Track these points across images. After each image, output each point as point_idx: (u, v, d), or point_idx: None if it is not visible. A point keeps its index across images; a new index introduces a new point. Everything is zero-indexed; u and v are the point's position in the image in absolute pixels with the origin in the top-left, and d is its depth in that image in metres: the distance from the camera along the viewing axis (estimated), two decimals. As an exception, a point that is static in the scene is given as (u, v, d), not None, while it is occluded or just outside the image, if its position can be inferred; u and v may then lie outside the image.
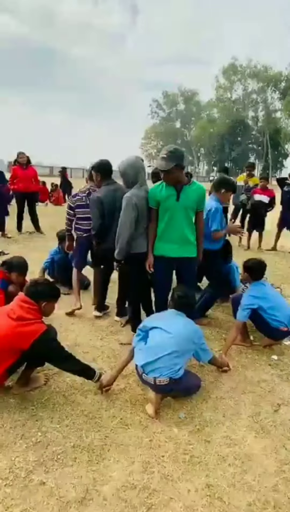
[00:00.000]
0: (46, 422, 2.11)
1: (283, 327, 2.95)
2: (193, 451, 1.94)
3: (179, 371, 2.18)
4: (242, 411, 2.29)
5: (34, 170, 7.20)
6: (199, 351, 2.39)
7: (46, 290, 2.26)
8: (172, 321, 2.32)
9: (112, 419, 2.16)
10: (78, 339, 3.15)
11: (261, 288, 3.03)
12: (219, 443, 2.01)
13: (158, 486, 1.72)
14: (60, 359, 2.23)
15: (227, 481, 1.76)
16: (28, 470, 1.78)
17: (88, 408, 2.24)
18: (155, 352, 2.17)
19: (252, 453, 1.95)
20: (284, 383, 2.62)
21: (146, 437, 2.03)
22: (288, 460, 1.92)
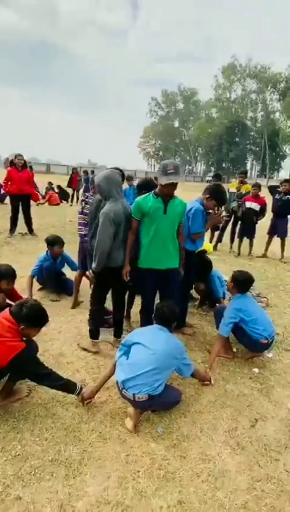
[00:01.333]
0: (26, 434, 2.16)
1: (263, 339, 3.02)
2: (168, 467, 2.00)
3: (159, 387, 2.23)
4: (219, 426, 2.35)
5: (28, 172, 7.21)
6: (181, 366, 2.44)
7: (28, 317, 2.20)
8: (154, 337, 2.37)
9: (91, 433, 2.21)
10: (63, 348, 3.19)
11: (244, 301, 3.09)
12: (195, 458, 2.07)
13: (131, 502, 1.78)
14: (39, 377, 2.27)
15: (199, 498, 1.82)
16: (6, 484, 1.83)
17: (68, 421, 2.29)
18: (135, 369, 2.22)
19: (226, 469, 2.01)
20: (263, 397, 2.68)
21: (123, 452, 2.08)
22: (260, 477, 1.98)
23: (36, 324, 2.30)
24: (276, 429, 2.36)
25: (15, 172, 6.78)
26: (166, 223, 2.86)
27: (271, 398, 2.68)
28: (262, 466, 2.06)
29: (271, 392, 2.75)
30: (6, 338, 2.15)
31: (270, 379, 2.93)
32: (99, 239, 2.80)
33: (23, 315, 2.20)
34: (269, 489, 1.91)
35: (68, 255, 4.49)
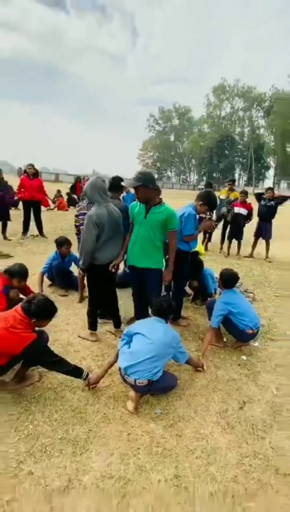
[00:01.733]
0: (37, 416, 2.14)
1: (249, 330, 3.01)
2: (165, 444, 1.99)
3: (158, 373, 2.22)
4: (211, 407, 2.34)
5: (39, 180, 7.18)
6: (177, 354, 2.43)
7: (37, 311, 2.18)
8: (153, 328, 2.36)
9: (96, 414, 2.19)
10: (71, 338, 3.17)
11: (232, 295, 3.08)
12: (189, 437, 2.06)
13: (132, 476, 1.77)
14: (50, 363, 2.25)
15: (193, 472, 1.81)
16: (19, 460, 1.82)
17: (76, 403, 2.27)
18: (136, 357, 2.21)
19: (218, 446, 2.00)
20: (250, 382, 2.67)
21: (125, 431, 2.07)
22: (248, 453, 1.97)
23: (46, 316, 2.28)
24: (262, 410, 2.35)
25: (27, 180, 6.75)
26: (146, 227, 2.83)
27: (258, 383, 2.66)
28: (250, 443, 2.04)
29: (257, 377, 2.74)
30: (19, 329, 2.13)
31: (257, 365, 2.92)
32: (83, 240, 2.82)
33: (33, 311, 2.19)
34: (256, 464, 1.90)
35: (76, 255, 4.44)
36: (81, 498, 1.64)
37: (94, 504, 1.61)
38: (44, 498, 1.62)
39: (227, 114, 56.08)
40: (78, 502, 1.62)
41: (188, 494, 1.69)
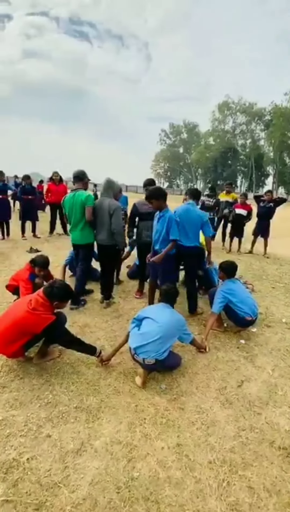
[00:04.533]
0: (56, 387, 2.12)
1: (248, 317, 2.89)
2: (169, 416, 1.92)
3: (164, 353, 2.15)
4: (211, 385, 2.25)
5: (64, 186, 7.20)
6: (182, 335, 2.35)
7: (59, 293, 2.17)
8: (161, 313, 2.29)
9: (108, 387, 2.15)
10: (88, 320, 3.14)
11: (232, 285, 2.97)
12: (191, 410, 1.99)
13: (138, 443, 1.71)
14: (66, 342, 2.24)
15: (194, 442, 1.74)
16: (39, 425, 1.80)
17: (90, 377, 2.24)
18: (145, 338, 2.15)
19: (217, 420, 1.92)
20: (248, 363, 2.56)
21: (133, 403, 2.01)
22: (245, 427, 1.88)
23: (66, 298, 2.28)
24: (259, 389, 2.24)
25: (53, 186, 6.79)
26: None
27: (255, 364, 2.55)
28: (247, 418, 1.95)
29: (255, 359, 2.63)
30: (40, 311, 2.11)
31: (254, 349, 2.80)
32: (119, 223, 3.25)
33: (54, 294, 2.17)
34: (253, 437, 1.81)
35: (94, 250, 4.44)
36: (92, 460, 1.60)
37: (103, 465, 1.57)
38: (60, 458, 1.60)
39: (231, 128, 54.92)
40: (90, 463, 1.58)
41: (188, 460, 1.62)
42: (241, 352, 2.73)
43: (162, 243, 2.98)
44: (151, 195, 2.93)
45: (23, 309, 2.11)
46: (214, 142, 56.82)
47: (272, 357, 2.67)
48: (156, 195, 2.93)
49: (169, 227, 2.89)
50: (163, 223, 2.92)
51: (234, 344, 2.85)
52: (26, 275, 3.14)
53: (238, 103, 51.75)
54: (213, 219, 6.76)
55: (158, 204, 2.94)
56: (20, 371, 2.27)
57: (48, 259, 3.29)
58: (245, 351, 2.74)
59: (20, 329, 2.09)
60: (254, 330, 3.14)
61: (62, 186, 6.97)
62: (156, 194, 2.94)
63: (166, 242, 2.94)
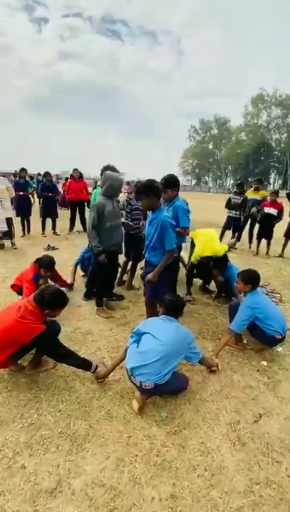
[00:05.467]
0: (44, 404, 1.91)
1: (278, 336, 2.46)
2: (166, 455, 1.61)
3: (166, 376, 1.84)
4: (222, 417, 1.90)
5: (84, 183, 7.11)
6: (189, 354, 2.03)
7: (50, 301, 1.96)
8: (163, 328, 1.98)
9: (100, 410, 1.89)
10: (92, 327, 2.93)
11: (256, 298, 2.55)
12: (193, 449, 1.66)
13: (124, 488, 1.43)
14: (57, 356, 2.02)
15: (193, 495, 1.42)
16: (16, 451, 1.60)
17: (83, 395, 2.00)
18: (144, 358, 1.85)
19: (224, 466, 1.58)
20: (269, 392, 2.16)
21: (126, 433, 1.74)
22: (259, 479, 1.51)
23: (58, 306, 2.04)
24: (281, 427, 1.85)
25: (73, 183, 6.73)
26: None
27: (278, 393, 2.14)
28: (263, 467, 1.58)
29: (278, 387, 2.21)
30: (29, 320, 1.91)
31: (278, 373, 2.37)
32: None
33: (45, 301, 1.96)
34: (268, 495, 1.44)
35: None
36: (67, 504, 1.35)
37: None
38: (30, 498, 1.37)
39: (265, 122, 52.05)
40: (63, 509, 1.33)
41: (182, 522, 1.31)
42: (261, 376, 2.32)
43: (152, 252, 2.52)
44: (141, 191, 2.40)
45: (11, 317, 1.93)
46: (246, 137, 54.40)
47: (300, 386, 2.23)
48: (146, 191, 2.36)
49: (163, 234, 2.37)
50: (156, 227, 2.40)
51: (254, 366, 2.44)
52: (30, 276, 3.01)
53: (273, 96, 48.91)
54: (240, 219, 6.23)
55: (150, 202, 2.41)
56: (10, 382, 2.10)
57: (53, 260, 3.13)
58: (267, 375, 2.33)
59: (7, 338, 1.91)
60: (280, 349, 2.70)
61: (82, 183, 6.89)
62: (146, 189, 2.36)
63: (157, 250, 2.49)
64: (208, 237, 3.50)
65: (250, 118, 52.74)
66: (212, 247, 3.40)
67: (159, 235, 2.44)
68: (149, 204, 2.46)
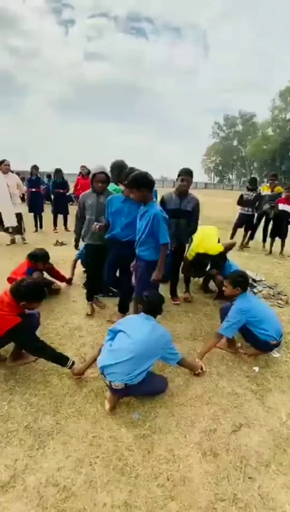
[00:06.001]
0: (17, 397, 1.91)
1: (273, 341, 2.28)
2: (129, 459, 1.53)
3: (138, 376, 1.75)
4: (197, 424, 1.77)
5: (93, 179, 7.15)
6: (166, 355, 1.92)
7: (26, 293, 1.93)
8: (138, 327, 1.89)
9: (71, 407, 1.85)
10: (81, 322, 2.90)
11: (248, 301, 2.36)
12: (159, 456, 1.56)
13: (78, 490, 1.37)
14: (32, 349, 2.01)
15: (148, 505, 1.32)
16: (-21, 442, 1.59)
17: (57, 391, 1.97)
18: (114, 357, 1.78)
19: (189, 477, 1.46)
20: (255, 400, 1.99)
21: (92, 433, 1.67)
22: (225, 495, 1.38)
23: (34, 299, 2.01)
24: (261, 440, 1.69)
25: (81, 180, 6.79)
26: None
27: (265, 403, 1.97)
28: (232, 483, 1.44)
29: (266, 396, 2.04)
30: (4, 312, 1.91)
31: (270, 381, 2.19)
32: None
33: (21, 293, 1.94)
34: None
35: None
36: (16, 501, 1.32)
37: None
38: (-18, 491, 1.35)
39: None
40: (12, 505, 1.30)
41: (130, 533, 1.22)
42: (250, 383, 2.15)
43: (142, 246, 2.42)
44: (132, 184, 2.30)
45: (-14, 309, 1.94)
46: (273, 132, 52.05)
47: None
48: (137, 184, 2.26)
49: (156, 227, 2.28)
50: (147, 221, 2.32)
51: (244, 372, 2.28)
52: (24, 269, 3.05)
53: (304, 88, 46.24)
54: (252, 216, 5.92)
55: (141, 195, 2.30)
56: (-10, 373, 2.12)
57: (46, 253, 3.15)
58: (256, 383, 2.16)
59: (-19, 330, 1.92)
60: (277, 355, 2.50)
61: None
62: (137, 183, 2.26)
63: (147, 245, 2.38)
64: (204, 235, 3.34)
65: (277, 113, 50.36)
66: (205, 244, 3.24)
67: (150, 229, 2.35)
68: (141, 197, 2.37)
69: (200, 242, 3.27)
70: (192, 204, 3.03)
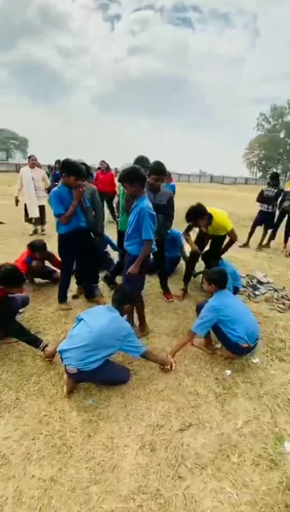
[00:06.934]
0: (-9, 372, 2.10)
1: (243, 343, 2.17)
2: (69, 440, 1.62)
3: (91, 364, 1.82)
4: (147, 418, 1.79)
5: (112, 174, 7.27)
6: (124, 347, 1.96)
7: (4, 277, 2.08)
8: (97, 316, 1.95)
9: (35, 386, 1.99)
10: (71, 311, 3.03)
11: (223, 299, 2.27)
12: (98, 442, 1.62)
13: (15, 460, 1.50)
14: (8, 330, 2.19)
15: (72, 484, 1.40)
16: None
17: (27, 370, 2.13)
18: (71, 342, 1.87)
19: (120, 466, 1.50)
20: (216, 403, 1.93)
21: (45, 411, 1.79)
22: (149, 489, 1.39)
23: (13, 283, 2.17)
24: (205, 443, 1.64)
25: (100, 174, 6.94)
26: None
27: (225, 407, 1.89)
28: (160, 478, 1.44)
29: (229, 400, 1.96)
30: (-16, 292, 2.11)
31: (240, 386, 2.09)
32: None
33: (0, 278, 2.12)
34: (148, 507, 1.32)
35: (111, 238, 4.34)
36: None
37: None
38: None
39: None
40: None
41: (48, 504, 1.30)
42: (217, 386, 2.08)
43: (129, 240, 2.43)
44: (124, 178, 2.31)
45: None
46: None
47: (257, 404, 1.93)
48: (130, 179, 2.26)
49: (141, 222, 2.25)
50: (134, 215, 2.32)
51: (214, 374, 2.20)
52: (23, 258, 3.29)
53: None
54: (273, 213, 5.53)
55: (132, 190, 2.30)
56: (-24, 348, 2.36)
57: (44, 244, 3.35)
58: (223, 386, 2.08)
59: None
60: (256, 361, 2.37)
61: (109, 174, 7.06)
62: (130, 177, 2.26)
63: (133, 239, 2.38)
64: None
65: None
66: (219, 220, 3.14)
67: (136, 223, 2.36)
68: (133, 191, 2.38)
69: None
70: (167, 197, 2.96)
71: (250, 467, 1.52)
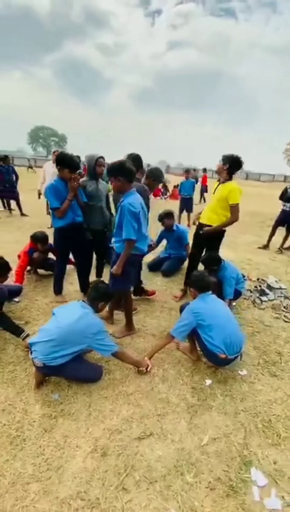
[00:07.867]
0: (-25, 357, 2.19)
1: (221, 353, 1.98)
2: (26, 433, 1.61)
3: (57, 359, 1.80)
4: (107, 421, 1.72)
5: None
6: (94, 345, 1.90)
7: None
8: (69, 313, 1.92)
9: (9, 374, 2.03)
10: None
11: (203, 303, 2.09)
12: (53, 438, 1.59)
13: None
14: None
15: (12, 478, 1.39)
16: None
17: (6, 358, 2.18)
18: (39, 336, 1.87)
19: (65, 467, 1.45)
20: (185, 414, 1.79)
21: (11, 401, 1.81)
22: (88, 496, 1.33)
23: None
24: (162, 456, 1.53)
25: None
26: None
27: (194, 420, 1.75)
28: (102, 487, 1.37)
29: (201, 413, 1.81)
30: None
31: (217, 399, 1.92)
32: None
33: None
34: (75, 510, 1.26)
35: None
36: None
37: None
38: None
39: None
40: None
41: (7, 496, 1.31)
42: (192, 396, 1.94)
43: (115, 237, 2.33)
44: (110, 172, 2.22)
45: None
46: None
47: (232, 422, 1.76)
48: (115, 173, 2.18)
49: (122, 219, 2.17)
50: (118, 212, 2.23)
51: (192, 382, 2.06)
52: (26, 249, 3.39)
53: None
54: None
55: (117, 185, 2.21)
56: None
57: (46, 236, 3.41)
58: (199, 397, 1.93)
59: None
60: (243, 373, 2.17)
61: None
62: (115, 171, 2.18)
63: (118, 237, 2.27)
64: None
65: None
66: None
67: (119, 219, 2.29)
68: (118, 187, 2.30)
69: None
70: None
71: (204, 490, 1.38)
